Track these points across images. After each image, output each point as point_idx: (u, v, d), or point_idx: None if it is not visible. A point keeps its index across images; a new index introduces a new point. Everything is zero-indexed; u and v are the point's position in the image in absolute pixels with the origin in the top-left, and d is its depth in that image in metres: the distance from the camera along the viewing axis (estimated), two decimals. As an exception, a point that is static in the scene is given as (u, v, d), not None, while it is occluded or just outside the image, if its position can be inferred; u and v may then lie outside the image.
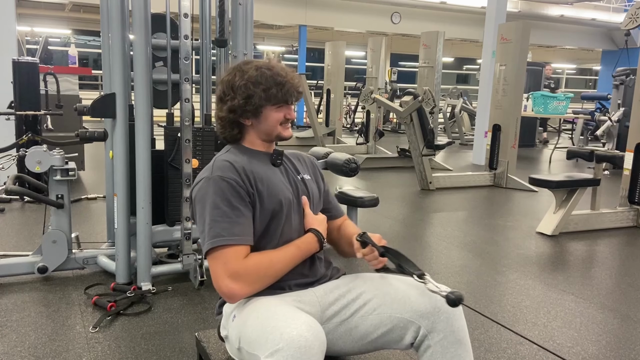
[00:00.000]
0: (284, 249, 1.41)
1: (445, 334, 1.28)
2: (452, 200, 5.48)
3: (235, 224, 1.33)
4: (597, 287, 3.13)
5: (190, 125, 2.71)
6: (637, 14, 5.07)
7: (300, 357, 1.10)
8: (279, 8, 12.41)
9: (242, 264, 1.31)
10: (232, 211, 1.34)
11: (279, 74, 1.46)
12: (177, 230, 2.99)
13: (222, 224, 1.33)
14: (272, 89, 1.44)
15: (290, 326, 1.15)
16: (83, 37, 15.17)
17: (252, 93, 1.44)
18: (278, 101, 1.46)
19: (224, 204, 1.34)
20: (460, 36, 14.81)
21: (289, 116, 1.51)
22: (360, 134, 8.65)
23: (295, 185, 1.51)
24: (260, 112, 1.47)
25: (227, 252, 1.31)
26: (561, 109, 8.52)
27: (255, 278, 1.33)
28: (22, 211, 4.33)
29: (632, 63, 6.45)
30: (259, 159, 1.50)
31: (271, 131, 1.49)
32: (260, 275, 1.34)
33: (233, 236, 1.32)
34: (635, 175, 4.46)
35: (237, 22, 2.94)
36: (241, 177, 1.38)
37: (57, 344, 2.19)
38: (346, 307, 1.39)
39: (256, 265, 1.33)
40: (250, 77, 1.45)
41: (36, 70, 4.72)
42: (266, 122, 1.48)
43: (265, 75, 1.45)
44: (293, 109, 1.54)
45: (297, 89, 1.50)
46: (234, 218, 1.34)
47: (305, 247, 1.43)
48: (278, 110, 1.48)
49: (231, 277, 1.30)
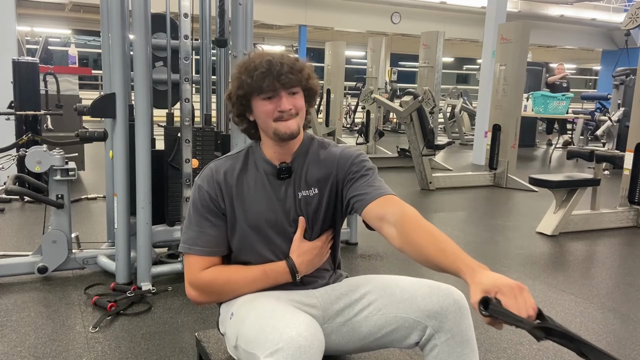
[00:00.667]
0: (249, 270, 1.38)
1: (452, 334, 1.27)
2: (452, 200, 5.48)
3: (202, 234, 1.37)
4: (597, 287, 3.13)
5: (190, 125, 2.71)
6: (637, 14, 5.07)
7: (300, 356, 1.10)
8: (279, 8, 12.42)
9: (198, 276, 1.37)
10: (202, 221, 1.37)
11: (253, 60, 1.33)
12: (177, 230, 3.00)
13: (190, 232, 1.38)
14: (242, 76, 1.33)
15: (290, 326, 1.14)
16: (83, 37, 15.17)
17: (233, 85, 1.37)
18: (253, 89, 1.31)
19: (196, 213, 1.38)
20: (460, 36, 14.82)
21: (281, 108, 1.32)
22: (360, 134, 8.65)
23: (287, 206, 1.40)
24: (250, 105, 1.36)
25: (190, 260, 1.38)
26: (561, 109, 8.52)
27: (209, 292, 1.39)
28: (22, 211, 4.33)
29: (632, 63, 6.45)
30: (258, 169, 1.41)
31: (266, 128, 1.36)
32: (215, 290, 1.39)
33: (196, 246, 1.37)
34: (635, 175, 4.46)
35: (237, 22, 2.94)
36: (215, 191, 1.37)
37: (57, 344, 2.19)
38: (350, 307, 1.38)
39: (211, 281, 1.37)
40: (241, 64, 1.36)
41: (36, 70, 4.72)
42: (258, 117, 1.36)
43: (254, 63, 1.32)
44: (290, 100, 1.33)
45: (282, 73, 1.30)
46: (203, 228, 1.37)
47: (273, 275, 1.37)
48: (265, 102, 1.33)
49: (190, 284, 1.38)
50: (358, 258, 3.40)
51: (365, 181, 1.38)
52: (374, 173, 1.42)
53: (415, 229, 1.24)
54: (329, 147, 1.46)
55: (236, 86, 1.35)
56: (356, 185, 1.38)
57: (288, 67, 1.31)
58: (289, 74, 1.31)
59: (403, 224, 1.25)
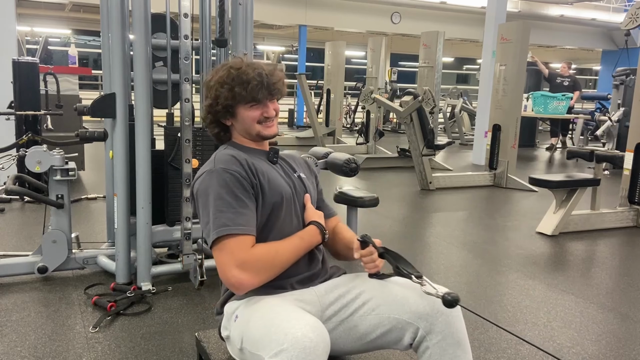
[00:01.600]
0: (287, 240, 1.42)
1: (443, 336, 1.28)
2: (452, 200, 5.48)
3: (239, 214, 1.34)
4: (597, 287, 3.13)
5: (190, 125, 2.71)
6: (637, 14, 5.07)
7: (305, 357, 1.10)
8: (279, 8, 12.41)
9: (249, 253, 1.32)
10: (236, 202, 1.35)
11: (245, 72, 1.45)
12: (177, 230, 2.99)
13: (227, 214, 1.33)
14: (235, 88, 1.44)
15: (295, 327, 1.15)
16: (83, 37, 15.17)
17: (219, 94, 1.46)
18: (245, 100, 1.45)
19: (229, 195, 1.35)
20: (460, 36, 14.80)
21: (267, 114, 1.49)
22: (360, 134, 8.65)
23: (293, 182, 1.52)
24: (235, 112, 1.48)
25: (234, 242, 1.32)
26: (561, 109, 8.52)
27: (262, 267, 1.33)
28: (22, 211, 4.33)
29: (632, 63, 6.45)
30: (255, 155, 1.51)
31: (250, 130, 1.50)
32: (268, 264, 1.34)
33: (239, 226, 1.33)
34: (635, 175, 4.46)
35: (237, 22, 2.94)
36: (244, 169, 1.40)
37: (57, 344, 2.19)
38: (345, 307, 1.39)
39: (263, 255, 1.34)
40: (219, 77, 1.47)
41: (36, 70, 4.72)
42: (243, 121, 1.49)
43: (232, 75, 1.45)
44: (272, 106, 1.50)
45: (271, 84, 1.47)
46: (238, 209, 1.35)
47: (308, 238, 1.45)
48: (252, 109, 1.47)
49: (239, 267, 1.30)
50: (358, 258, 3.39)
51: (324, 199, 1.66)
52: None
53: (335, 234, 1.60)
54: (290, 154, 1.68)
55: (226, 96, 1.45)
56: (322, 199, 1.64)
57: (276, 78, 1.49)
58: (275, 84, 1.48)
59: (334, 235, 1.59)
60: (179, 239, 2.86)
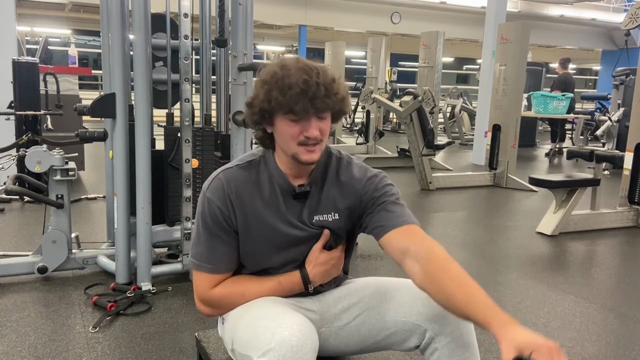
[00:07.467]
0: (263, 281, 1.34)
1: (452, 338, 1.26)
2: (452, 200, 5.48)
3: (212, 251, 1.31)
4: (597, 287, 3.13)
5: (190, 125, 2.70)
6: (637, 14, 5.07)
7: (292, 356, 1.09)
8: (279, 8, 12.42)
9: (209, 293, 1.33)
10: (210, 238, 1.31)
11: (290, 75, 1.18)
12: (177, 230, 3.00)
13: (199, 247, 1.32)
14: (273, 91, 1.19)
15: (282, 326, 1.13)
16: (83, 37, 15.18)
17: (257, 93, 1.24)
18: (282, 109, 1.20)
19: (205, 229, 1.31)
20: (460, 36, 14.82)
21: (307, 133, 1.21)
22: (360, 133, 8.64)
23: (307, 225, 1.34)
24: (273, 120, 1.25)
25: (200, 278, 1.34)
26: (561, 109, 8.52)
27: (225, 306, 1.34)
28: (22, 211, 4.33)
29: (632, 63, 6.45)
30: (272, 183, 1.32)
31: (287, 149, 1.26)
32: (230, 303, 1.34)
33: (206, 264, 1.31)
34: (635, 175, 4.46)
35: (237, 22, 2.93)
36: (227, 206, 1.29)
37: (57, 344, 2.19)
38: (348, 311, 1.37)
39: (225, 297, 1.33)
40: (265, 73, 1.23)
41: (36, 70, 4.72)
42: (280, 135, 1.25)
43: (276, 75, 1.20)
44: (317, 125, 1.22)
45: (319, 96, 1.18)
46: (212, 245, 1.31)
47: (287, 285, 1.34)
48: (291, 123, 1.22)
49: (200, 300, 1.36)
50: (358, 258, 3.40)
51: (387, 207, 1.31)
52: (396, 198, 1.34)
53: (443, 271, 1.17)
54: (348, 167, 1.37)
55: (262, 99, 1.22)
56: (378, 211, 1.31)
57: (324, 90, 1.19)
58: (325, 98, 1.19)
59: (429, 262, 1.19)
60: (179, 239, 2.86)
